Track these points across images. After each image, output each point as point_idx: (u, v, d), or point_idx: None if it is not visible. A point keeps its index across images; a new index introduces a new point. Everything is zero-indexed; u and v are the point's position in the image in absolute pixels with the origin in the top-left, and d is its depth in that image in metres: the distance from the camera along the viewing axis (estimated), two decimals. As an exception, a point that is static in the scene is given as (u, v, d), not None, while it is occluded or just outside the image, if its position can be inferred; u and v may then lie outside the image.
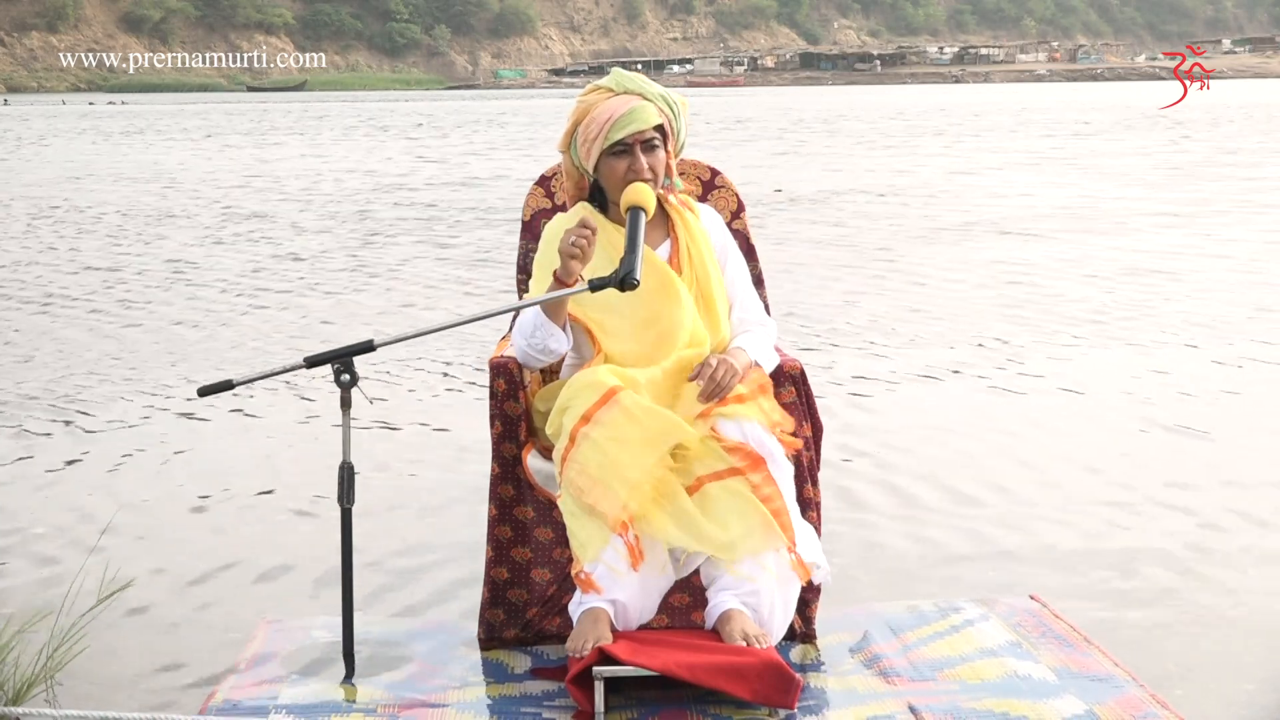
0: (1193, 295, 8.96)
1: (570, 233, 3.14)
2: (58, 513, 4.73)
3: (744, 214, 3.74)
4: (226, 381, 3.13)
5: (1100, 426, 5.72)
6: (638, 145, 3.30)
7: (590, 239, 3.13)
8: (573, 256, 3.12)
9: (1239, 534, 4.35)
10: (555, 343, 3.22)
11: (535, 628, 3.37)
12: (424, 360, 7.13)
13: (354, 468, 3.15)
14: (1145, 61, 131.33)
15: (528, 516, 3.36)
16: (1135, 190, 16.79)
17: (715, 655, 2.97)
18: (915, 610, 3.55)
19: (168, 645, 3.55)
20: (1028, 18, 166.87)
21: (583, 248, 3.12)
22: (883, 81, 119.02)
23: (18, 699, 3.02)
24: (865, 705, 2.99)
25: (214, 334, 8.13)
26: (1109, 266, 10.29)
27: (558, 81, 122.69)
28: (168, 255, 11.86)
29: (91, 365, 7.22)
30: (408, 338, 3.33)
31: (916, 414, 5.98)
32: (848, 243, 12.02)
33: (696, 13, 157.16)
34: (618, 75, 3.39)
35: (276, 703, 3.02)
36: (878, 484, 4.95)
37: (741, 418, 3.14)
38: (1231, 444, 5.45)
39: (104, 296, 9.59)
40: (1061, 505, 4.68)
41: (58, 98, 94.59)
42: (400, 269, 10.84)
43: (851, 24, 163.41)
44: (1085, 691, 3.03)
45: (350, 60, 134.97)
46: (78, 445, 5.62)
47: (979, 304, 8.75)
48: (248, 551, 4.30)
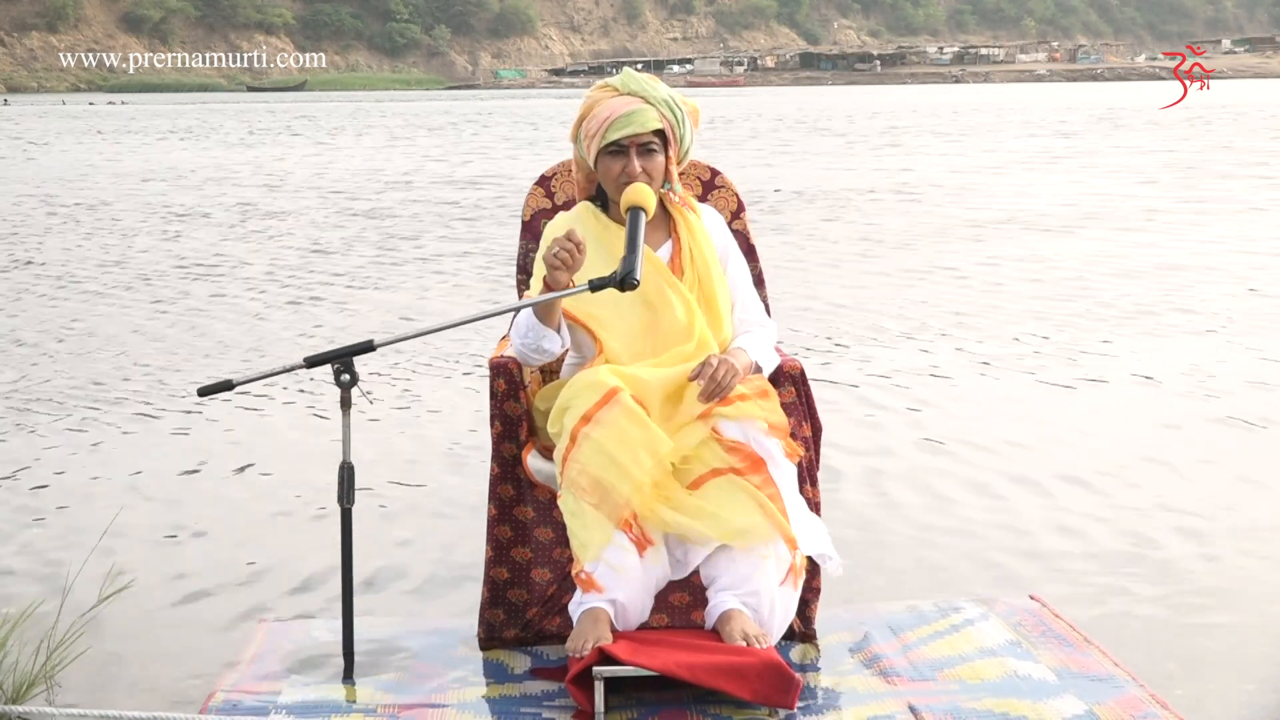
0: (1193, 292, 8.96)
1: (556, 243, 3.12)
2: (58, 512, 4.73)
3: (744, 214, 3.73)
4: (226, 381, 3.13)
5: (1100, 426, 5.72)
6: (634, 148, 3.29)
7: (575, 251, 3.12)
8: (555, 268, 3.11)
9: (1240, 534, 4.35)
10: (549, 343, 3.23)
11: (535, 628, 3.37)
12: (424, 360, 7.13)
13: (354, 468, 3.15)
14: (1145, 61, 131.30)
15: (528, 516, 3.36)
16: (1156, 186, 16.82)
17: (715, 655, 2.97)
18: (915, 610, 3.55)
19: (168, 645, 3.55)
20: (1028, 18, 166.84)
21: (565, 260, 3.10)
22: (883, 81, 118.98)
23: (18, 698, 3.02)
24: (865, 705, 2.99)
25: (219, 334, 8.12)
26: (1112, 263, 10.30)
27: (558, 82, 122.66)
28: (176, 256, 11.86)
29: (93, 366, 7.23)
30: (408, 337, 3.33)
31: (917, 413, 5.98)
32: (864, 238, 12.03)
33: (696, 13, 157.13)
34: (626, 76, 3.38)
35: (276, 703, 3.02)
36: (877, 484, 4.95)
37: (742, 419, 3.14)
38: (1232, 444, 5.45)
39: (109, 296, 9.59)
40: (1061, 505, 4.68)
41: (58, 98, 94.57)
42: (402, 269, 10.85)
43: (851, 24, 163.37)
44: (1085, 691, 3.03)
45: (350, 60, 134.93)
46: (78, 445, 5.62)
47: (977, 303, 8.75)
48: (248, 551, 4.30)
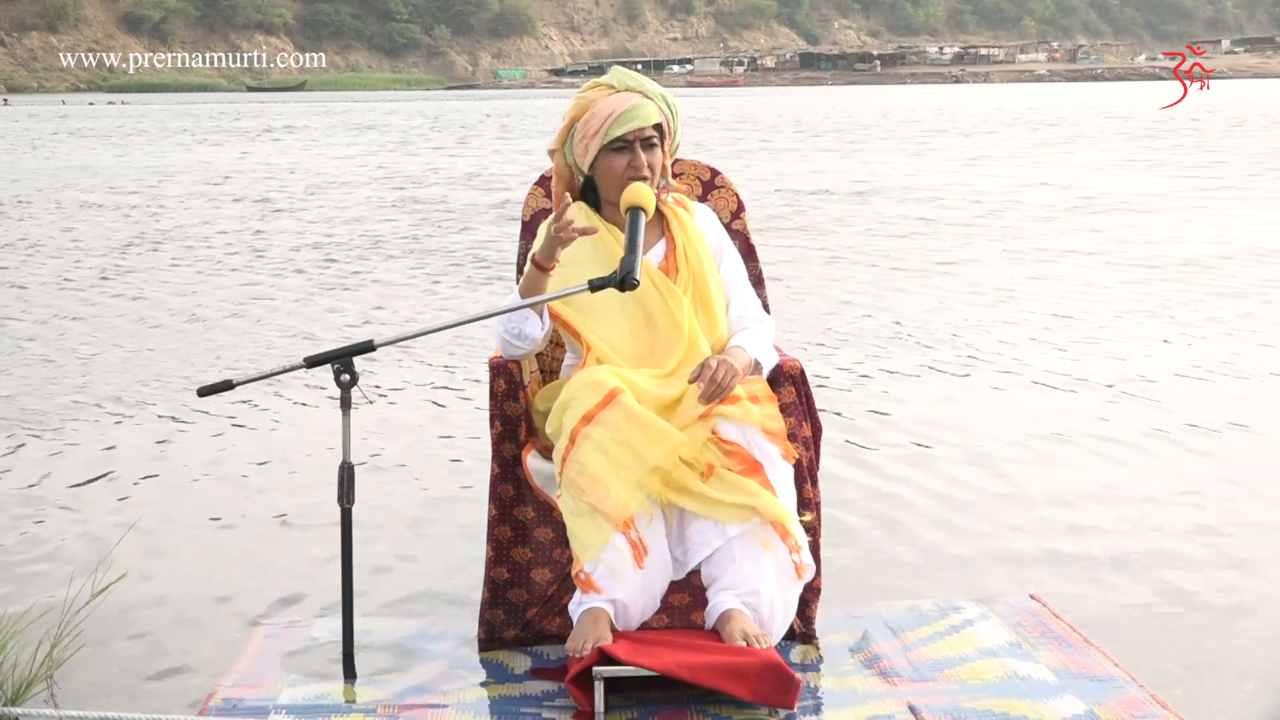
0: (1194, 293, 8.97)
1: (558, 215, 3.14)
2: (57, 512, 4.73)
3: (744, 214, 3.73)
4: (226, 381, 3.13)
5: (1100, 426, 5.71)
6: (638, 142, 3.30)
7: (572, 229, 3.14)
8: (567, 240, 3.13)
9: (1240, 534, 4.35)
10: (530, 327, 3.24)
11: (535, 628, 3.37)
12: (424, 360, 7.13)
13: (354, 467, 3.15)
14: (1145, 61, 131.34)
15: (528, 516, 3.36)
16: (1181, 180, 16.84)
17: (715, 655, 2.97)
18: (915, 610, 3.55)
19: (168, 645, 3.55)
20: (1028, 18, 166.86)
21: (567, 233, 3.14)
22: (882, 82, 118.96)
23: (17, 699, 3.02)
24: (865, 705, 2.99)
25: (219, 334, 8.13)
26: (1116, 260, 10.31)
27: (558, 81, 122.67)
28: (172, 255, 11.87)
29: (93, 365, 7.23)
30: (407, 338, 3.33)
31: (917, 413, 5.98)
32: (864, 238, 12.03)
33: (696, 13, 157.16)
34: (618, 73, 3.39)
35: (276, 703, 3.02)
36: (878, 484, 4.95)
37: (742, 421, 3.14)
38: (1232, 444, 5.45)
39: (113, 296, 9.59)
40: (1062, 505, 4.68)
41: (57, 98, 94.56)
42: (402, 269, 10.85)
43: (851, 24, 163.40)
44: (1085, 691, 3.03)
45: (350, 60, 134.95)
46: (78, 444, 5.62)
47: (978, 303, 8.75)
48: (248, 551, 4.30)
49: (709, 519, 3.10)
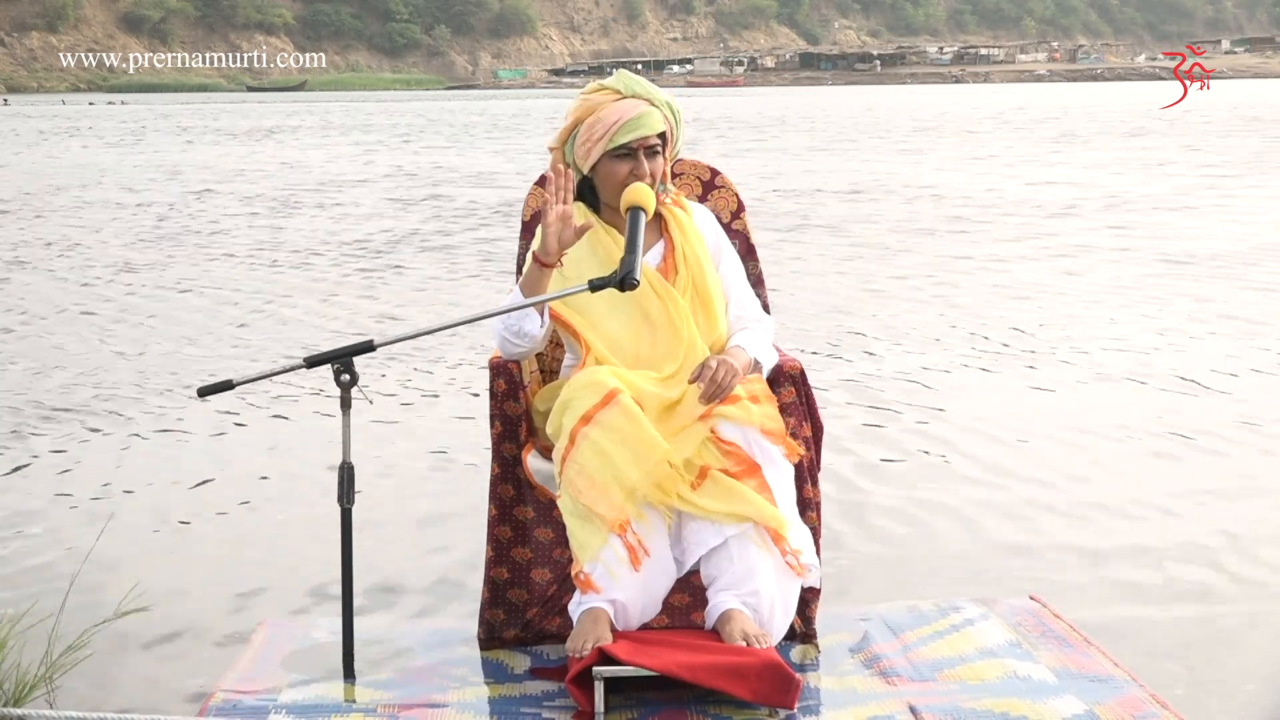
0: (1192, 293, 8.97)
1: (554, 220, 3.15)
2: (58, 512, 4.73)
3: (744, 214, 3.73)
4: (226, 381, 3.13)
5: (1101, 426, 5.71)
6: (642, 150, 3.30)
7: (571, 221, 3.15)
8: (550, 234, 3.15)
9: (1240, 534, 4.34)
10: (529, 324, 3.24)
11: (535, 628, 3.37)
12: (424, 360, 7.13)
13: (354, 468, 3.15)
14: (1145, 61, 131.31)
15: (528, 516, 3.36)
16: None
17: (715, 655, 2.97)
18: (915, 610, 3.55)
19: (168, 645, 3.55)
20: (1028, 18, 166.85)
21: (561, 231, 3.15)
22: (882, 82, 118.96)
23: (18, 700, 3.02)
24: (865, 705, 2.99)
25: (218, 335, 8.13)
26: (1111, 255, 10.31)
27: (558, 81, 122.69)
28: (170, 253, 11.87)
29: (93, 366, 7.23)
30: (408, 337, 3.33)
31: (917, 413, 5.98)
32: (866, 238, 12.03)
33: (696, 13, 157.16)
34: (624, 78, 3.37)
35: (276, 703, 3.02)
36: (878, 484, 4.95)
37: (742, 422, 3.14)
38: (1232, 444, 5.45)
39: (117, 296, 9.60)
40: (1062, 505, 4.68)
41: (57, 98, 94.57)
42: (402, 269, 10.85)
43: (851, 24, 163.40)
44: (1085, 692, 3.03)
45: (350, 60, 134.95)
46: (78, 444, 5.62)
47: (979, 303, 8.75)
48: (247, 551, 4.30)
49: (705, 520, 3.10)
